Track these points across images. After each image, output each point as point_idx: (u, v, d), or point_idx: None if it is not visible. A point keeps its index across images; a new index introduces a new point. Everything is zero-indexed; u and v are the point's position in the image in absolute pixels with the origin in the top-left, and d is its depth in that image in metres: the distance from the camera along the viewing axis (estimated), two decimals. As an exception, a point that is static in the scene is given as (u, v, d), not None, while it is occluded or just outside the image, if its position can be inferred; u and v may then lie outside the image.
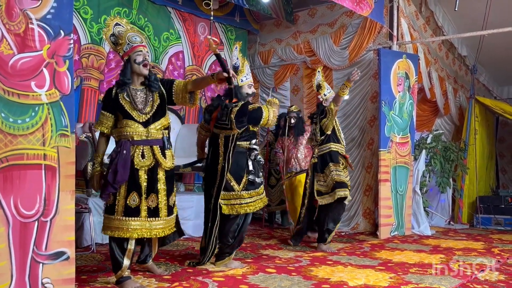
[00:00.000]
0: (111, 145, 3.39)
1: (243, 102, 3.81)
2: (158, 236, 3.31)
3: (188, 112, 6.72)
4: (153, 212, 3.23)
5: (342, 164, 4.86)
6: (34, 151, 2.74)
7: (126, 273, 3.19)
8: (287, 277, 3.50)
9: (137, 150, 3.20)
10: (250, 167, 3.81)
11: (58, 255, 2.79)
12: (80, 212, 4.45)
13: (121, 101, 3.22)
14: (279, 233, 6.10)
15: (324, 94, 4.97)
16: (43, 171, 2.76)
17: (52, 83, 2.83)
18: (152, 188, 3.23)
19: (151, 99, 3.28)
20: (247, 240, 5.25)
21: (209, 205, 3.89)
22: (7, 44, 2.66)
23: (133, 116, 3.21)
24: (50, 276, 2.76)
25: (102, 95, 5.59)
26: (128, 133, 3.18)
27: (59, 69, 2.86)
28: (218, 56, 3.34)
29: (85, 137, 4.75)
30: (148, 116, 3.24)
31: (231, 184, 3.81)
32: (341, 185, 4.70)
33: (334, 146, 4.87)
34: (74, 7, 5.16)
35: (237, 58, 4.00)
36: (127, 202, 3.15)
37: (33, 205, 2.72)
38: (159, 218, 3.25)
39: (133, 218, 3.15)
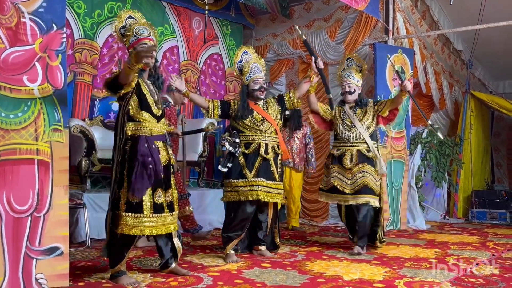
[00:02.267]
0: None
1: None
2: (175, 230, 3.28)
3: (184, 108, 6.69)
4: (170, 207, 3.23)
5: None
6: (27, 146, 2.73)
7: (123, 268, 3.16)
8: (282, 271, 3.50)
9: (155, 145, 3.17)
10: (221, 158, 4.11)
11: (51, 250, 2.78)
12: (75, 207, 4.43)
13: (142, 88, 3.15)
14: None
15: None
16: (36, 166, 2.75)
17: (44, 77, 2.81)
18: (168, 183, 3.23)
19: (159, 95, 3.30)
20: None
21: None
22: (-1, 38, 2.64)
23: (151, 107, 3.16)
24: (44, 271, 2.75)
25: (96, 90, 5.57)
26: (147, 128, 3.13)
27: (51, 63, 2.84)
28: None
29: (79, 132, 4.72)
30: (160, 111, 3.25)
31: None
32: None
33: None
34: (67, 2, 5.14)
35: (240, 61, 4.24)
36: (154, 199, 3.10)
37: (26, 200, 2.70)
38: (174, 213, 3.26)
39: (160, 215, 3.12)
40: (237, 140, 4.01)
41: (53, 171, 2.81)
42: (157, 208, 3.12)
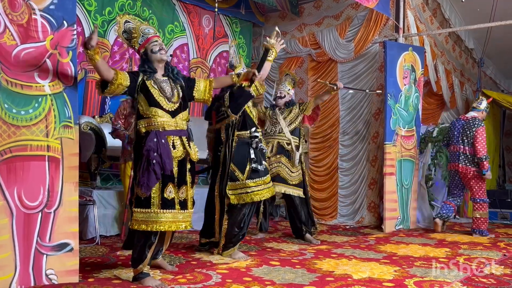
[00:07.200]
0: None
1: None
2: (186, 228, 3.24)
3: (192, 105, 6.70)
4: (183, 204, 3.18)
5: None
6: (38, 142, 2.74)
7: (146, 269, 3.10)
8: (291, 269, 3.49)
9: (169, 140, 3.13)
10: (252, 155, 3.93)
11: (61, 246, 2.80)
12: (85, 204, 4.46)
13: (149, 88, 3.12)
14: (283, 226, 6.09)
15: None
16: (46, 163, 2.77)
17: (55, 74, 2.83)
18: (182, 180, 3.18)
19: (176, 90, 3.23)
20: (251, 233, 5.25)
21: (212, 197, 4.04)
22: (10, 35, 2.66)
23: (161, 104, 3.11)
24: (54, 267, 2.77)
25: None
26: (158, 123, 3.08)
27: (62, 60, 2.86)
28: (266, 51, 3.76)
29: (89, 129, 4.74)
30: (176, 106, 3.18)
31: (236, 174, 3.93)
32: None
33: None
34: (78, -1, 5.16)
35: (233, 56, 4.36)
36: (164, 194, 3.07)
37: (37, 196, 2.73)
38: (187, 211, 3.21)
39: (169, 211, 3.08)
40: None
41: (63, 167, 2.83)
42: (167, 204, 3.08)
